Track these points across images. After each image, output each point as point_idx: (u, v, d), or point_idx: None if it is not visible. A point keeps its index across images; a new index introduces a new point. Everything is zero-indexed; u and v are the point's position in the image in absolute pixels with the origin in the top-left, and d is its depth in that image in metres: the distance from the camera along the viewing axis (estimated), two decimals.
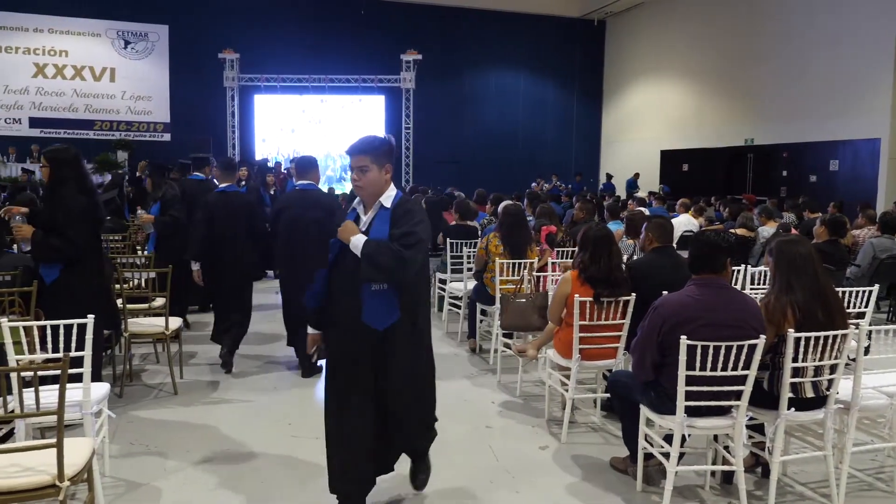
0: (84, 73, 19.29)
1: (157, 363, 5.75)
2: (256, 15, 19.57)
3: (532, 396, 5.09)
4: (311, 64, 19.15)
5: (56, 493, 2.60)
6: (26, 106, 18.81)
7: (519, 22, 22.02)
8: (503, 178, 19.55)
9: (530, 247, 5.83)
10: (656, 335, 3.27)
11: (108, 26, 19.25)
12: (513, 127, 22.38)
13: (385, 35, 20.14)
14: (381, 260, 2.81)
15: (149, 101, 19.77)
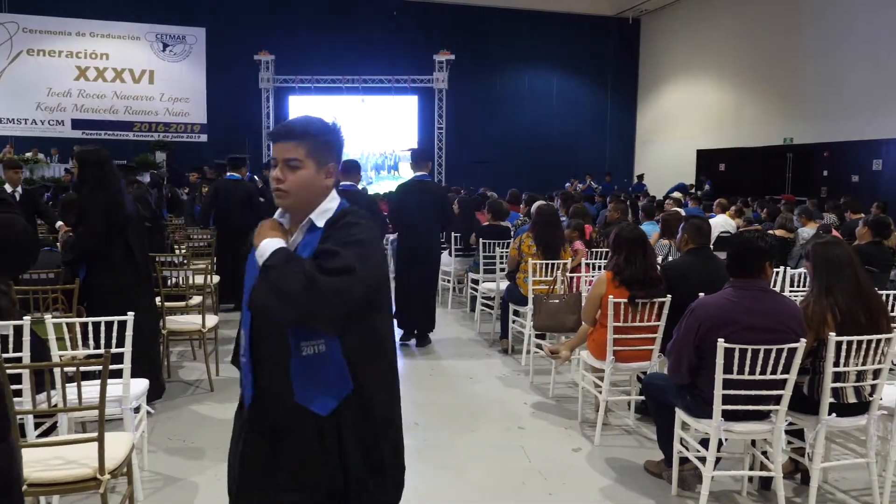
0: (124, 75, 19.69)
1: (194, 360, 5.85)
2: (291, 17, 19.77)
3: (565, 398, 5.06)
4: (345, 65, 19.29)
5: (97, 486, 2.66)
6: (69, 108, 19.26)
7: (552, 21, 21.89)
8: (536, 178, 19.45)
9: (563, 247, 5.79)
10: (693, 338, 3.22)
11: (147, 30, 19.61)
12: (546, 127, 22.25)
13: (418, 36, 20.18)
14: (284, 281, 1.71)
15: (186, 102, 20.09)
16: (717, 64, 19.50)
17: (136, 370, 3.41)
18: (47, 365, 2.98)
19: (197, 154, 17.46)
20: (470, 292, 7.77)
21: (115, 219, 4.46)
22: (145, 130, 19.73)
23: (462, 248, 8.03)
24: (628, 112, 23.39)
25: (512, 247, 6.15)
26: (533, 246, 5.76)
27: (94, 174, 4.43)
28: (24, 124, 18.84)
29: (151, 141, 19.20)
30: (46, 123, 19.05)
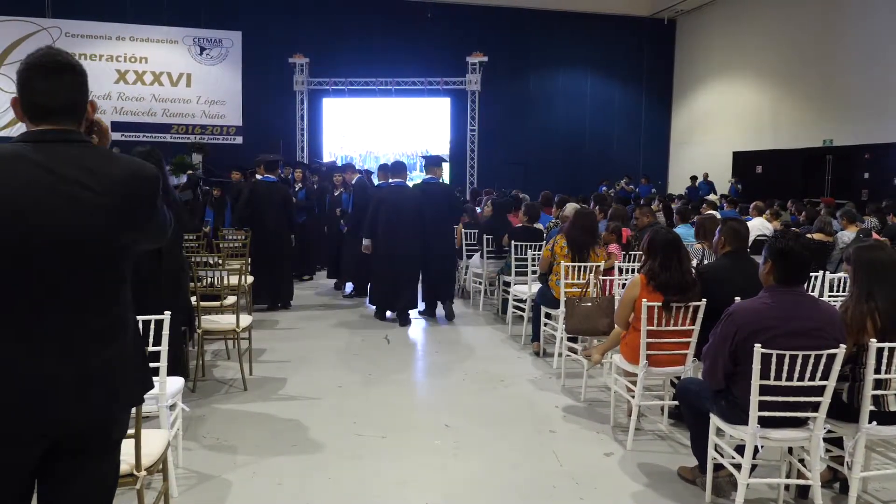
0: (162, 78, 20.07)
1: (228, 359, 5.93)
2: (325, 20, 19.96)
3: (597, 402, 5.01)
4: (378, 67, 19.39)
5: (133, 482, 2.71)
6: (109, 111, 19.69)
7: (586, 22, 21.75)
8: (569, 180, 19.36)
9: (594, 249, 5.74)
10: (729, 343, 3.17)
11: (185, 33, 19.97)
12: (579, 129, 22.11)
13: (451, 37, 20.21)
14: None
15: (222, 105, 20.40)
16: (755, 64, 19.18)
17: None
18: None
19: (232, 156, 17.70)
20: (501, 294, 7.75)
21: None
22: (182, 133, 20.08)
23: (494, 249, 8.02)
24: (663, 113, 23.12)
25: (545, 249, 6.12)
26: (566, 248, 5.72)
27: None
28: None
29: (188, 143, 19.54)
30: None
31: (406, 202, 7.45)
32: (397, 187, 7.65)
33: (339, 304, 8.53)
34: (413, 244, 7.41)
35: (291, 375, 5.56)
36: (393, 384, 5.52)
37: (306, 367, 5.81)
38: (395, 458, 4.00)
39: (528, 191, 13.62)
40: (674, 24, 22.89)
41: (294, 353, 6.20)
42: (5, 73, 18.84)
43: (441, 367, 6.00)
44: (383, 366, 6.02)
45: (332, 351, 6.38)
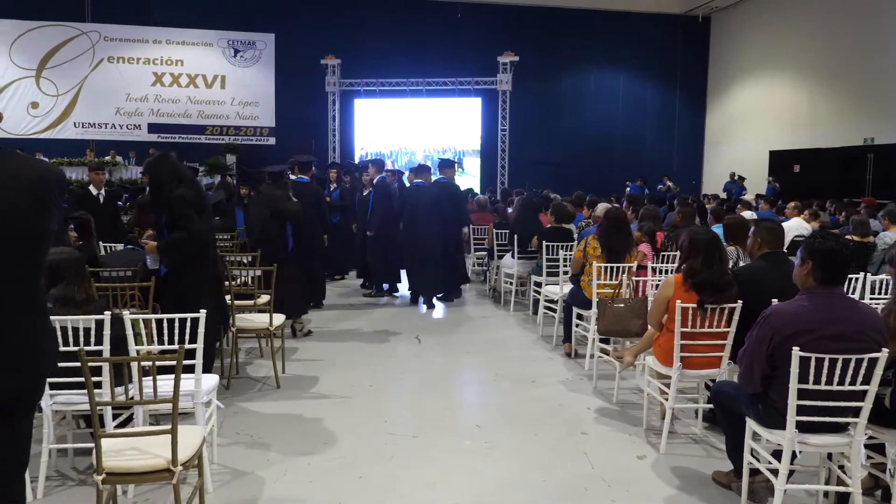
0: (197, 80, 20.41)
1: (261, 357, 6.00)
2: (357, 21, 20.10)
3: (629, 404, 4.96)
4: (409, 67, 19.47)
5: (170, 477, 2.76)
6: (146, 112, 20.10)
7: (619, 20, 21.56)
8: (600, 180, 19.19)
9: (630, 252, 5.68)
10: (766, 346, 3.11)
11: (219, 36, 20.28)
12: (611, 128, 21.92)
13: (482, 37, 20.19)
14: None
15: (255, 106, 20.67)
16: (792, 61, 18.82)
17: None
18: (125, 359, 3.10)
19: (265, 156, 17.90)
20: (533, 295, 7.72)
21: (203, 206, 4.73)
22: (217, 134, 20.41)
23: (521, 249, 7.98)
24: (697, 112, 22.81)
25: (576, 249, 6.08)
26: (598, 248, 5.67)
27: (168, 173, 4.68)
28: (104, 128, 19.76)
29: (222, 144, 19.84)
30: (124, 128, 19.92)
31: (425, 199, 8.36)
32: (418, 186, 8.57)
33: (370, 304, 8.57)
34: (431, 236, 8.26)
35: (323, 374, 5.60)
36: (424, 384, 5.53)
37: (338, 365, 5.85)
38: (426, 459, 4.00)
39: (558, 191, 13.54)
40: (708, 21, 22.56)
41: (326, 352, 6.25)
42: (48, 76, 19.35)
43: (472, 367, 6.00)
44: (414, 365, 6.04)
45: (364, 350, 6.41)
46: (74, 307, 3.43)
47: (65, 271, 3.45)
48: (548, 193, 12.18)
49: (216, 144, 19.91)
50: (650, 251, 6.19)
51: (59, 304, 3.42)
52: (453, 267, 8.77)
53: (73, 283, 3.46)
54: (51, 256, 3.46)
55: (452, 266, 8.74)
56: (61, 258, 3.48)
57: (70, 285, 3.44)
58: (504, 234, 8.71)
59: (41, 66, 19.27)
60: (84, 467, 3.77)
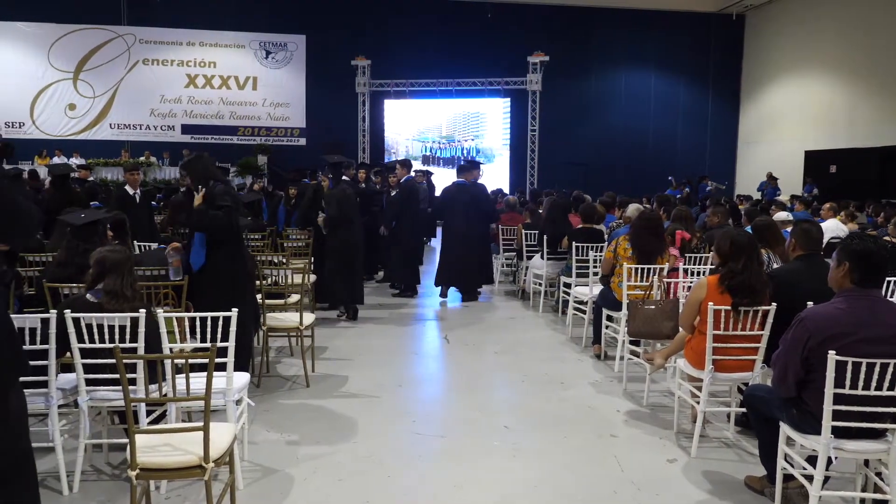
0: (230, 82, 20.69)
1: (291, 356, 6.06)
2: (387, 23, 20.19)
3: (660, 407, 4.91)
4: (439, 68, 19.50)
5: (201, 473, 2.79)
6: (179, 114, 20.43)
7: (650, 19, 21.32)
8: (631, 180, 19.02)
9: (662, 254, 5.60)
10: (801, 350, 3.05)
11: (251, 38, 20.53)
12: (642, 128, 21.69)
13: (512, 37, 20.14)
14: None
15: (286, 107, 20.89)
16: (830, 59, 18.43)
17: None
18: (159, 357, 3.16)
19: (296, 157, 18.08)
20: (562, 296, 7.67)
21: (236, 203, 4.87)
22: (248, 135, 20.66)
23: (551, 250, 7.94)
24: (731, 112, 22.47)
25: (607, 250, 6.02)
26: (629, 249, 5.62)
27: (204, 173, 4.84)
28: (139, 129, 20.13)
29: (254, 145, 20.08)
30: (159, 129, 20.27)
31: (461, 197, 8.76)
32: (455, 185, 8.91)
33: (399, 303, 8.60)
34: (463, 233, 8.71)
35: (352, 373, 5.63)
36: (452, 384, 5.54)
37: (366, 365, 5.88)
38: (453, 459, 4.00)
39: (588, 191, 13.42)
40: (742, 20, 22.20)
41: (355, 352, 6.28)
42: (85, 78, 19.77)
43: (500, 367, 5.98)
44: (443, 366, 6.05)
45: (392, 350, 6.43)
46: (124, 301, 3.51)
47: (114, 267, 3.53)
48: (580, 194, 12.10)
49: (248, 145, 20.15)
50: (676, 252, 6.12)
51: (109, 296, 3.50)
52: (482, 265, 9.08)
53: (123, 279, 3.54)
54: (102, 253, 3.56)
55: (481, 264, 9.06)
56: (111, 255, 3.56)
57: (119, 280, 3.52)
58: (533, 235, 8.67)
59: (78, 68, 19.71)
60: (118, 462, 3.85)
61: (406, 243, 8.96)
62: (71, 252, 4.48)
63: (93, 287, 3.56)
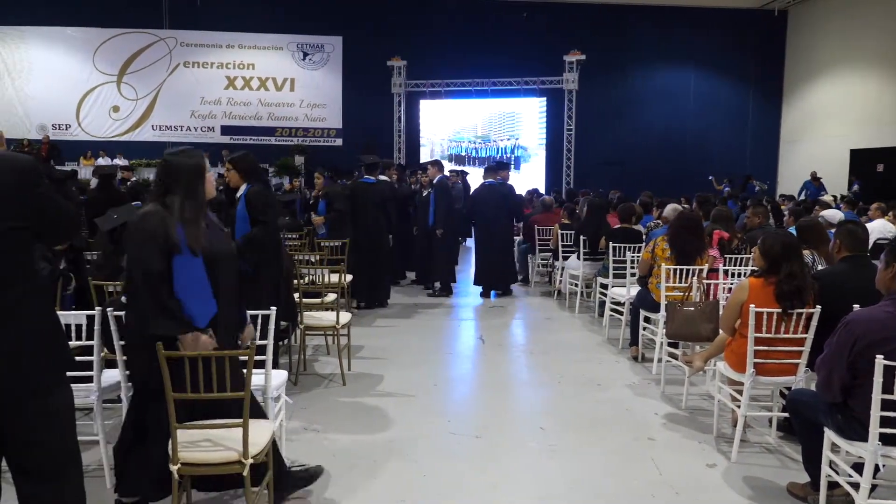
0: (268, 83, 20.96)
1: (328, 354, 6.11)
2: (423, 23, 20.23)
3: (699, 410, 4.83)
4: (474, 68, 19.46)
5: (241, 469, 2.83)
6: (219, 115, 20.76)
7: (689, 16, 20.98)
8: (670, 180, 18.73)
9: (702, 256, 5.51)
10: (846, 354, 2.97)
11: (289, 40, 20.77)
12: (681, 127, 21.35)
13: (548, 36, 20.01)
14: None
15: (323, 108, 21.08)
16: (876, 54, 17.92)
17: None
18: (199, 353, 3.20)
19: (332, 157, 18.23)
20: (598, 297, 7.60)
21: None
22: (286, 135, 20.90)
23: (590, 251, 7.87)
24: (772, 110, 21.99)
25: (645, 250, 5.95)
26: (667, 250, 5.53)
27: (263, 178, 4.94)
28: (180, 131, 20.52)
29: (291, 145, 20.31)
30: (199, 130, 20.63)
31: (492, 197, 9.03)
32: (486, 185, 9.13)
33: (434, 303, 8.61)
34: (495, 231, 9.04)
35: (388, 372, 5.66)
36: (487, 384, 5.52)
37: (402, 364, 5.90)
38: (489, 459, 3.99)
39: (625, 191, 13.29)
40: (785, 16, 21.72)
41: (390, 351, 6.31)
42: (128, 81, 20.23)
43: (535, 368, 5.95)
44: (478, 366, 6.04)
45: (428, 349, 6.45)
46: None
47: None
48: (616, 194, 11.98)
49: (285, 146, 20.39)
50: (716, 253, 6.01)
51: None
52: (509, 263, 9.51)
53: None
54: None
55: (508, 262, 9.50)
56: None
57: None
58: (569, 235, 8.61)
59: (122, 71, 20.16)
60: None
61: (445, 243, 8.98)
62: (107, 255, 4.57)
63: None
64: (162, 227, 2.84)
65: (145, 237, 2.83)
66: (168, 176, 2.96)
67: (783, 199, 13.91)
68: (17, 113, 19.65)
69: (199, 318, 2.93)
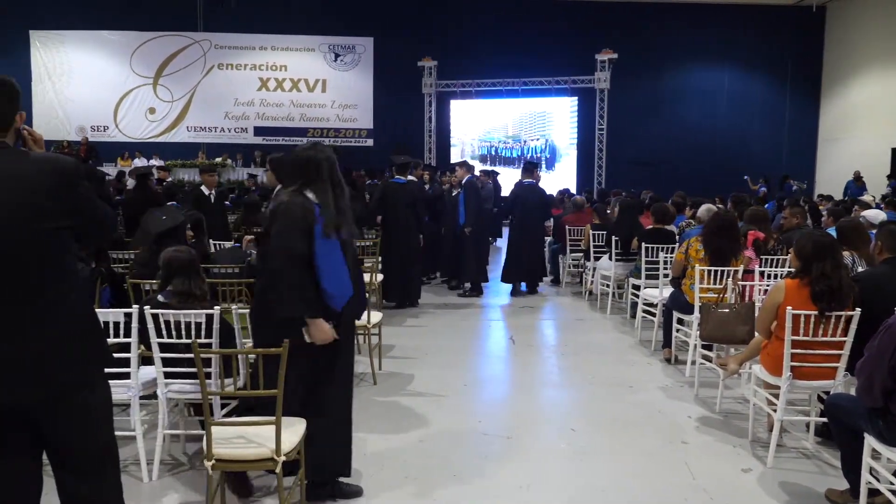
0: (300, 85, 21.16)
1: (359, 354, 6.13)
2: (453, 23, 20.24)
3: (733, 414, 4.75)
4: (505, 67, 19.40)
5: (273, 466, 2.86)
6: (252, 116, 21.02)
7: (723, 14, 20.65)
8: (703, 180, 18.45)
9: (737, 257, 5.41)
10: (888, 357, 2.90)
11: (321, 41, 20.94)
12: (715, 126, 21.02)
13: (579, 35, 19.87)
14: None
15: (354, 109, 21.21)
16: None
17: None
18: (233, 351, 3.25)
19: (363, 158, 18.33)
20: (630, 298, 7.53)
21: None
22: (317, 136, 21.06)
23: (622, 252, 7.80)
24: (810, 109, 21.52)
25: (678, 251, 5.87)
26: (701, 251, 5.46)
27: None
28: (214, 132, 20.82)
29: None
30: (232, 131, 20.92)
31: (532, 197, 9.28)
32: (525, 185, 9.27)
33: (464, 303, 8.61)
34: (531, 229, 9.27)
35: (418, 372, 5.67)
36: (518, 384, 5.51)
37: (433, 364, 5.90)
38: (520, 460, 3.98)
39: (658, 191, 13.12)
40: (823, 12, 21.25)
41: (421, 351, 6.32)
42: (164, 83, 20.59)
43: (566, 369, 5.91)
44: (508, 366, 6.02)
45: (458, 349, 6.44)
46: (194, 300, 3.62)
47: (181, 269, 3.63)
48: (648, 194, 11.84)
49: None
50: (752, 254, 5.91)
51: (178, 297, 3.61)
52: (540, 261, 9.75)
53: (190, 279, 3.63)
54: (169, 254, 3.68)
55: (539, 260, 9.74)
56: (177, 256, 3.68)
57: (187, 281, 3.62)
58: (601, 236, 8.54)
59: (158, 73, 20.53)
60: (192, 452, 3.98)
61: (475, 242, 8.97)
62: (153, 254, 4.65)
63: (163, 289, 3.68)
64: (304, 214, 3.10)
65: (290, 223, 3.08)
66: (307, 169, 3.24)
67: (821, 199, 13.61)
68: (58, 115, 20.13)
69: (339, 299, 3.19)
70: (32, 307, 2.04)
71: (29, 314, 2.03)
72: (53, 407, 2.10)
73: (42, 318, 2.05)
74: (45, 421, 2.11)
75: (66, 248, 2.14)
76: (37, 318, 2.04)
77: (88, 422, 2.18)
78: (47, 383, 2.07)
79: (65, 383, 2.10)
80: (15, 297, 2.01)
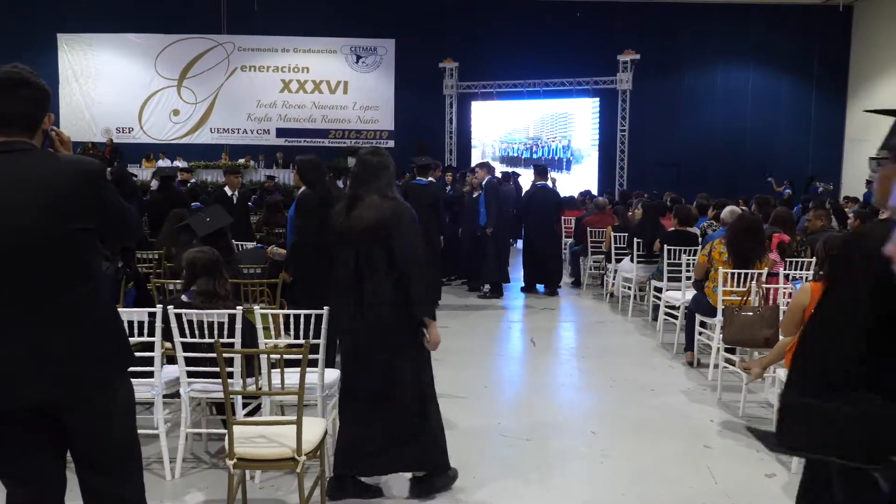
0: (322, 86, 21.28)
1: None
2: (474, 25, 20.23)
3: (757, 418, 4.69)
4: (526, 68, 19.36)
5: (294, 466, 2.88)
6: (274, 118, 21.18)
7: (747, 13, 20.43)
8: (727, 181, 18.28)
9: (762, 259, 5.35)
10: None
11: (342, 43, 21.04)
12: (739, 127, 20.79)
13: (601, 36, 19.77)
14: None
15: (375, 110, 21.28)
16: None
17: None
18: (255, 351, 3.28)
19: None
20: (652, 300, 7.47)
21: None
22: (339, 137, 21.17)
23: (644, 254, 7.75)
24: (836, 109, 21.21)
25: (701, 253, 5.82)
26: (724, 253, 5.40)
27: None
28: (237, 133, 21.01)
29: (344, 147, 20.58)
30: (255, 133, 21.09)
31: (546, 199, 9.47)
32: (539, 187, 9.45)
33: (484, 305, 8.60)
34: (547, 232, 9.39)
35: (438, 373, 5.59)
36: (538, 387, 5.49)
37: (452, 365, 5.89)
38: (540, 462, 3.97)
39: (680, 193, 13.02)
40: (850, 11, 20.94)
41: (441, 352, 6.23)
42: (188, 85, 20.82)
43: (587, 372, 5.88)
44: (529, 368, 6.00)
45: (478, 351, 6.44)
46: (218, 300, 3.65)
47: (204, 269, 3.67)
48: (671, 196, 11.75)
49: (338, 147, 20.67)
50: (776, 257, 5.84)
51: (202, 297, 3.64)
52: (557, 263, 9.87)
53: (214, 279, 3.67)
54: (192, 255, 3.72)
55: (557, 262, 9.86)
56: (200, 256, 3.72)
57: (211, 281, 3.66)
58: (622, 238, 8.49)
59: (182, 76, 20.75)
60: (214, 451, 4.02)
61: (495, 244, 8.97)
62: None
63: (187, 289, 3.71)
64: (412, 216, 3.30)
65: (413, 227, 3.28)
66: (384, 172, 3.39)
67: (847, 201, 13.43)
68: (84, 117, 20.42)
69: None
70: (56, 307, 2.06)
71: (53, 313, 2.06)
72: (77, 405, 2.13)
73: (66, 318, 2.07)
74: (69, 419, 2.14)
75: (91, 248, 2.17)
76: (61, 317, 2.06)
77: (111, 420, 2.20)
78: (71, 382, 2.09)
79: (88, 382, 2.13)
80: (40, 296, 2.04)
